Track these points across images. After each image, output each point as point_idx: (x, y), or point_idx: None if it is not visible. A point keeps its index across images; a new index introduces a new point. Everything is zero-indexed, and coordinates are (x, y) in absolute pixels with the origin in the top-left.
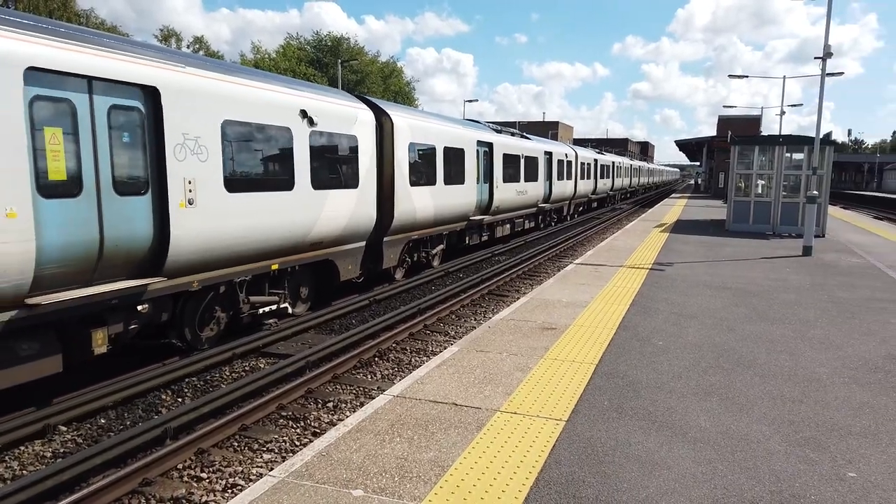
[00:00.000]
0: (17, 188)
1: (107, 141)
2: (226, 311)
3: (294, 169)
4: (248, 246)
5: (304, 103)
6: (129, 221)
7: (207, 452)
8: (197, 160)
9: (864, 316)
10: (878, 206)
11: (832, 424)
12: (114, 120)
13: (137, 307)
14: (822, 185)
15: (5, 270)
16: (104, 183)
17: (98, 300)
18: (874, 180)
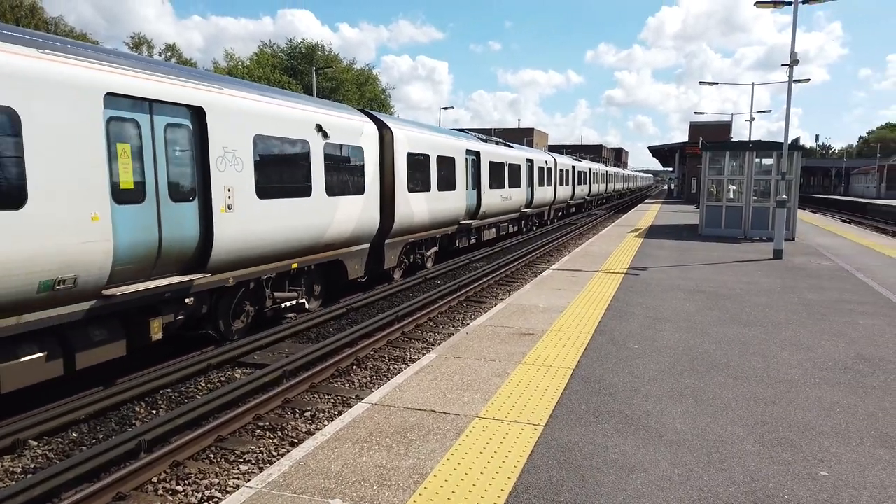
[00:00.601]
0: (100, 196)
1: (164, 154)
2: (253, 305)
3: (311, 177)
4: (274, 246)
5: (319, 118)
6: (181, 224)
7: (183, 465)
8: (234, 170)
9: (833, 317)
10: (846, 209)
11: (804, 424)
12: (169, 136)
13: (185, 300)
14: (791, 190)
15: (90, 265)
16: (162, 191)
17: (157, 293)
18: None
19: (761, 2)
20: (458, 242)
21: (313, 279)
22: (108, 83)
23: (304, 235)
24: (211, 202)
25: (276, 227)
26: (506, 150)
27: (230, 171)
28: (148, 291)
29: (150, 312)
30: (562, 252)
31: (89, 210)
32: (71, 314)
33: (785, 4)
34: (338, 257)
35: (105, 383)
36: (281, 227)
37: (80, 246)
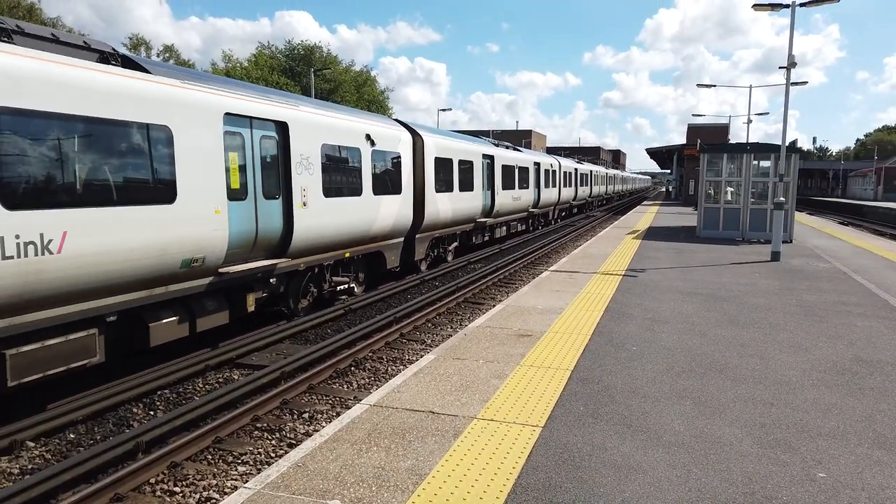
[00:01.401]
0: (220, 194)
1: (259, 160)
2: (316, 287)
3: (362, 179)
4: (334, 237)
5: (367, 129)
6: (271, 217)
7: (181, 466)
8: (308, 174)
9: (831, 319)
10: (843, 211)
11: (802, 426)
12: (262, 146)
13: (270, 280)
14: (788, 192)
15: (214, 248)
16: (258, 190)
17: (253, 272)
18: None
19: (759, 4)
20: (475, 239)
21: (359, 267)
22: (226, 105)
23: (355, 229)
24: (291, 200)
25: (337, 221)
26: (516, 154)
27: (305, 174)
28: (248, 271)
29: (246, 289)
30: (560, 253)
31: (214, 205)
32: (198, 286)
33: (782, 7)
34: (379, 249)
35: (102, 384)
36: (340, 222)
37: (209, 233)
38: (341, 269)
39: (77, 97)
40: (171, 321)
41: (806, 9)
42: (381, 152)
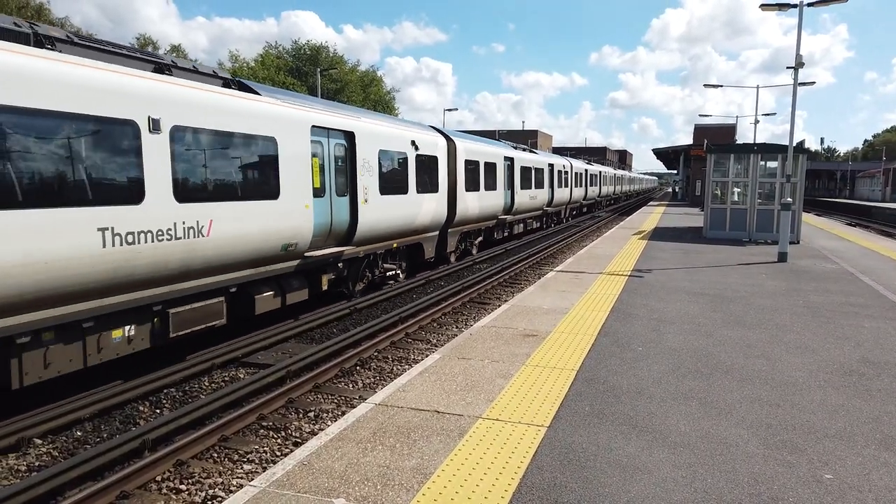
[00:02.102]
0: (308, 192)
1: (333, 164)
2: (370, 272)
3: (408, 180)
4: (387, 229)
5: (413, 136)
6: (341, 212)
7: (186, 464)
8: (368, 175)
9: (838, 320)
10: (851, 212)
11: (809, 427)
12: (335, 152)
13: (338, 264)
14: (796, 193)
15: (303, 236)
16: (331, 189)
17: (328, 257)
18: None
19: (766, 4)
20: (496, 234)
21: (403, 256)
22: (312, 119)
23: (403, 222)
24: (356, 197)
25: (389, 215)
26: (532, 155)
27: (366, 175)
28: (325, 256)
29: (321, 271)
30: (565, 254)
31: (304, 201)
32: (289, 267)
33: (790, 7)
34: (419, 241)
35: (109, 382)
36: (391, 216)
37: (300, 223)
38: (389, 258)
39: (219, 116)
40: (269, 295)
41: (814, 9)
42: (423, 156)
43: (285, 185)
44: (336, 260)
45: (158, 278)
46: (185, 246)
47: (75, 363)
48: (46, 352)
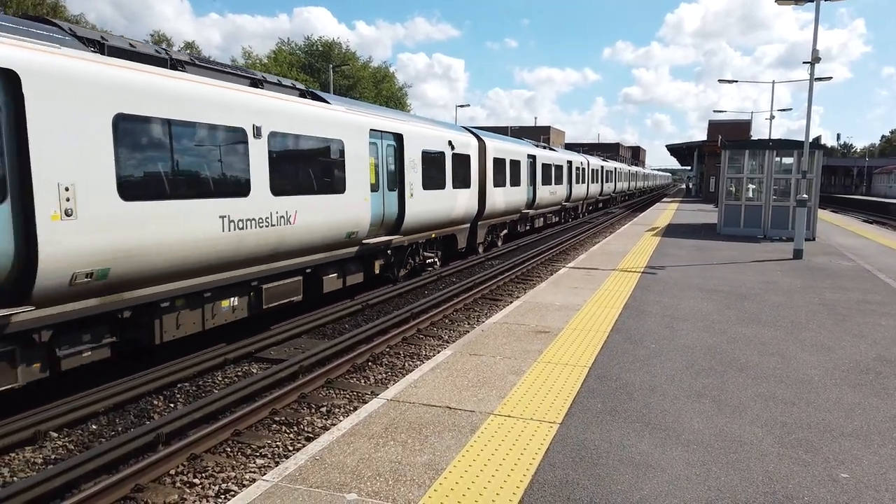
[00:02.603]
0: (366, 187)
1: (385, 162)
2: (412, 259)
3: (446, 176)
4: (428, 221)
5: (449, 136)
6: (391, 205)
7: (200, 458)
8: (414, 172)
9: (854, 318)
10: (868, 209)
11: (824, 426)
12: (386, 152)
13: (387, 251)
14: (811, 189)
15: (362, 225)
16: (384, 184)
17: (380, 245)
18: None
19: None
20: (519, 227)
21: (439, 246)
22: (370, 123)
23: (441, 215)
24: (404, 192)
25: (430, 208)
26: (552, 153)
27: (412, 172)
28: (378, 243)
29: (374, 257)
30: (578, 250)
31: (364, 195)
32: (349, 252)
33: (807, 1)
34: (454, 232)
35: (124, 376)
36: (432, 209)
37: (360, 214)
38: (428, 247)
39: (301, 123)
40: (334, 276)
41: (831, 3)
42: (458, 154)
43: (350, 181)
44: (386, 247)
45: (257, 258)
46: (278, 232)
47: (196, 326)
48: (178, 315)
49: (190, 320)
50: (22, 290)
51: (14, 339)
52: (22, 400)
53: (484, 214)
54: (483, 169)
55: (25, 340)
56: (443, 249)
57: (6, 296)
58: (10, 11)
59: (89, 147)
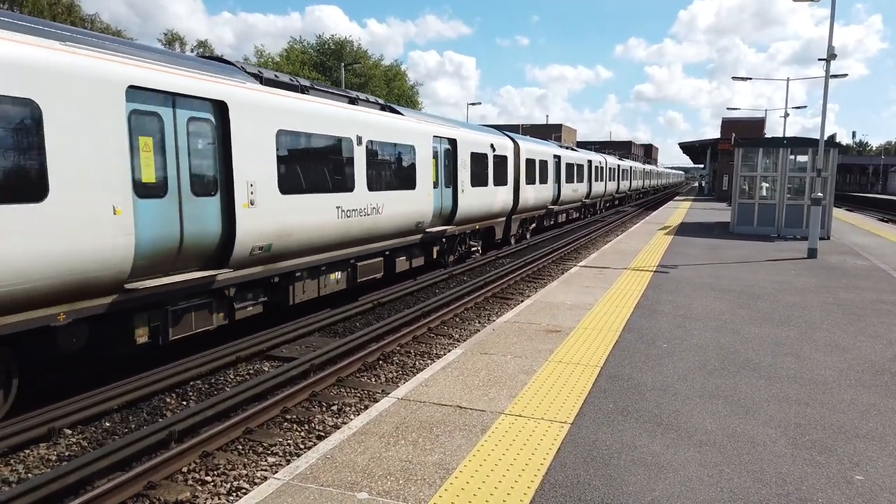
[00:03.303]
0: (430, 184)
1: (443, 163)
2: (460, 247)
3: (488, 175)
4: (473, 214)
5: (491, 140)
6: (447, 199)
7: (212, 455)
8: (464, 171)
9: (869, 318)
10: (884, 208)
11: (839, 427)
12: (444, 155)
13: (442, 239)
14: (826, 188)
15: (427, 217)
16: (442, 182)
17: (438, 233)
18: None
19: None
20: (545, 222)
21: (480, 237)
22: (433, 130)
23: (483, 209)
24: (457, 188)
25: (475, 202)
26: (574, 153)
27: (463, 171)
28: (437, 232)
29: (432, 244)
30: (590, 249)
31: (428, 190)
32: (415, 240)
33: None
34: (492, 224)
35: (137, 374)
36: (477, 203)
37: (426, 207)
38: (472, 237)
39: (386, 132)
40: (403, 259)
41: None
42: (498, 156)
43: (419, 179)
44: (441, 235)
45: (355, 241)
46: (371, 220)
47: (314, 293)
48: (304, 283)
49: (311, 288)
50: (223, 257)
51: (212, 293)
52: (37, 397)
53: (517, 209)
54: (518, 168)
55: (219, 295)
56: (483, 240)
57: (214, 262)
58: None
59: (262, 154)
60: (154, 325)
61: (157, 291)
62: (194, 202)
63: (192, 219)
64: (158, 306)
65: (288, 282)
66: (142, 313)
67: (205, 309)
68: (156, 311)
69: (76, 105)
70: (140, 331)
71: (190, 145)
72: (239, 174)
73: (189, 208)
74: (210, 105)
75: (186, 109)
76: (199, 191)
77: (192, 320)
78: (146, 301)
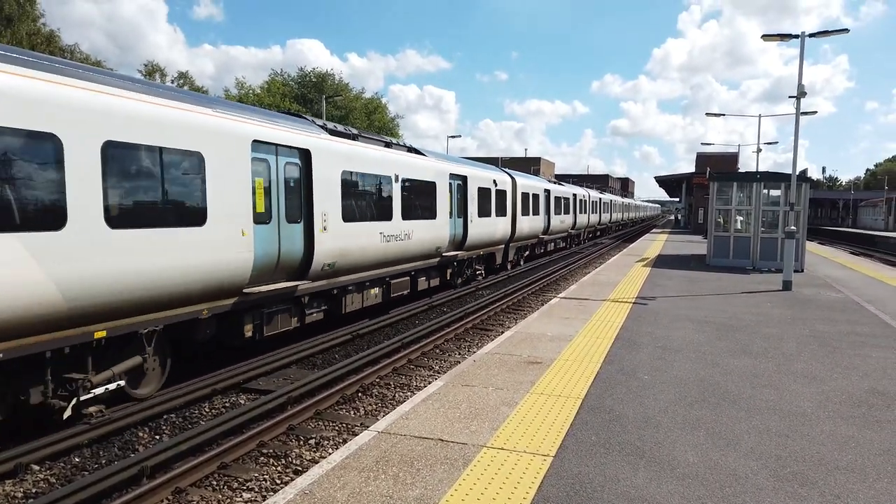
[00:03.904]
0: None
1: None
2: (466, 270)
3: (491, 207)
4: (479, 242)
5: (493, 176)
6: (458, 227)
7: (185, 492)
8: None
9: (845, 350)
10: (855, 241)
11: (819, 459)
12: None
13: (454, 262)
14: (799, 221)
15: (444, 242)
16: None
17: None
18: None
19: (769, 35)
20: (536, 250)
21: (482, 262)
22: (450, 169)
23: (488, 237)
24: (467, 219)
25: (482, 231)
26: (561, 187)
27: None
28: (449, 256)
29: (446, 267)
30: (569, 280)
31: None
32: (434, 262)
33: (792, 37)
34: (493, 251)
35: (108, 407)
36: (483, 232)
37: (443, 234)
38: (476, 262)
39: (413, 170)
40: (423, 279)
41: (815, 39)
42: (499, 190)
43: (438, 210)
44: (453, 260)
45: (390, 262)
46: (404, 244)
47: (359, 304)
48: (352, 296)
49: (357, 300)
50: (304, 271)
51: (293, 300)
52: (3, 432)
53: (514, 237)
54: (514, 201)
55: (296, 302)
56: (485, 264)
57: (297, 274)
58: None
59: (331, 190)
60: (256, 323)
61: (263, 296)
62: (288, 227)
63: (286, 240)
64: (257, 308)
65: (342, 294)
66: (249, 313)
67: (286, 312)
68: (257, 312)
69: (224, 155)
70: (248, 326)
71: (285, 183)
72: (317, 206)
73: (284, 232)
74: (298, 153)
75: (285, 157)
76: (291, 219)
77: (279, 321)
78: (253, 303)
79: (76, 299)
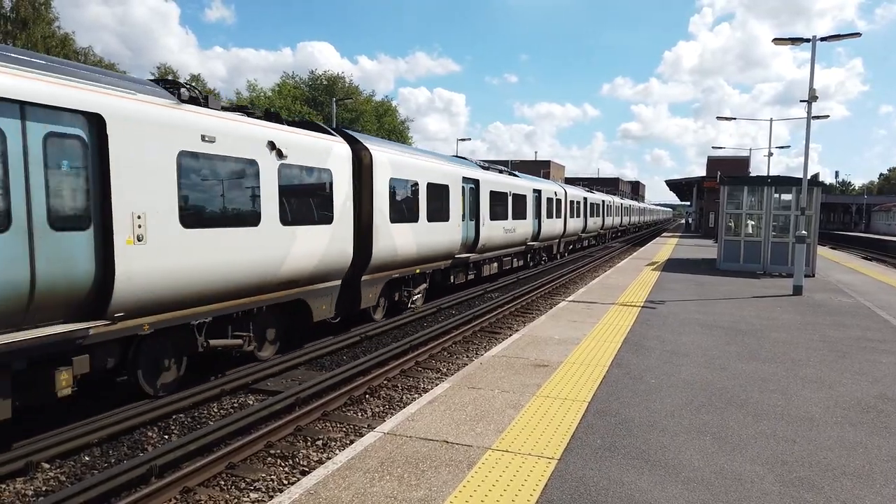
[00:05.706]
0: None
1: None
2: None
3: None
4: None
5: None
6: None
7: (193, 491)
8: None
9: (855, 355)
10: (867, 246)
11: (826, 464)
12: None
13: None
14: (810, 226)
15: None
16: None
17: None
18: (862, 221)
19: (779, 39)
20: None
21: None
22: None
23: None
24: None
25: (495, 234)
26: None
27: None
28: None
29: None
30: (578, 284)
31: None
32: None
33: (803, 41)
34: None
35: (119, 407)
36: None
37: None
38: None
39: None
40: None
41: (827, 43)
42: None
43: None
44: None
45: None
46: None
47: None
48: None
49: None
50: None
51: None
52: (15, 430)
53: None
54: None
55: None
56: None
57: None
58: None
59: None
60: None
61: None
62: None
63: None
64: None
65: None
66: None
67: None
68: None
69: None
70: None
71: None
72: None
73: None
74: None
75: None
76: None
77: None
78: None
79: (423, 248)
